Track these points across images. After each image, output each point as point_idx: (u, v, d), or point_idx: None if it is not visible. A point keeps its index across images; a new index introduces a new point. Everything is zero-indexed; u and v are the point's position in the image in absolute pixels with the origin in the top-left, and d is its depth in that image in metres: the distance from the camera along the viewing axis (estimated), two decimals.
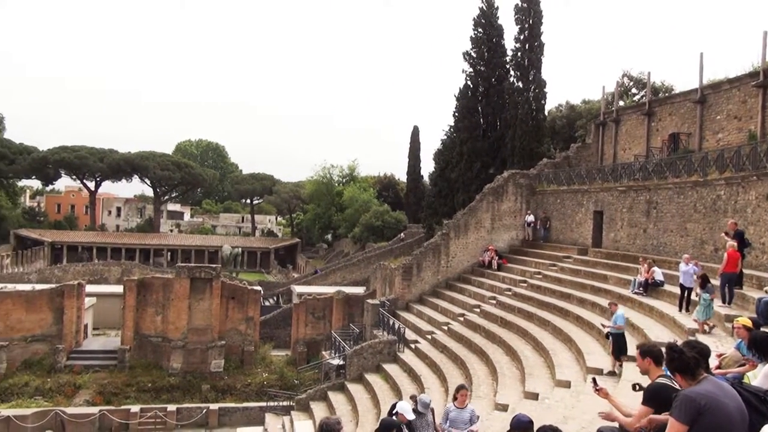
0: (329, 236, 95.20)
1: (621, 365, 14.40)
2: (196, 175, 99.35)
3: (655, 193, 24.57)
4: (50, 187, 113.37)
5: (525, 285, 26.72)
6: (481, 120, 47.09)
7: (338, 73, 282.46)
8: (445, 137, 54.80)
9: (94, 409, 26.86)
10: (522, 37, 42.65)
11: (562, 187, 31.85)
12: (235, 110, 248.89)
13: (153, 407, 27.55)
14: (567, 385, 14.88)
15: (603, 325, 16.39)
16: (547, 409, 13.14)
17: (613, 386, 12.39)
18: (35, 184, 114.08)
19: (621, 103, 36.88)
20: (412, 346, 25.06)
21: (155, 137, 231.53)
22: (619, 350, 14.64)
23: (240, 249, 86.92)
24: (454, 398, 11.97)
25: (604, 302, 20.48)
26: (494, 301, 26.23)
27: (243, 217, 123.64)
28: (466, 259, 32.41)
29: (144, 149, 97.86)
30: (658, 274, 19.79)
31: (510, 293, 26.49)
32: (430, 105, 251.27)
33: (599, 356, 16.19)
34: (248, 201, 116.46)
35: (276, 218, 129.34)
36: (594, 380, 6.67)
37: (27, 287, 34.03)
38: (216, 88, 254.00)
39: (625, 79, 43.30)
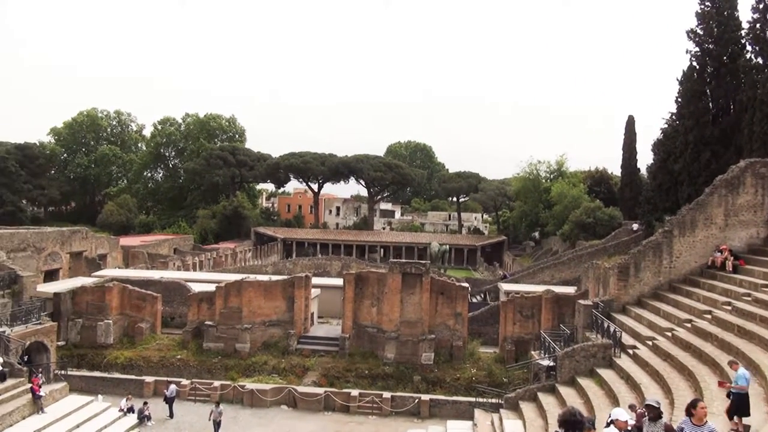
0: (536, 234, 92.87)
1: (739, 428, 12.65)
2: (405, 175, 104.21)
3: None
4: (281, 189, 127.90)
5: None
6: (710, 104, 42.21)
7: (549, 63, 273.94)
8: (666, 126, 50.27)
9: (320, 390, 29.73)
10: (762, 6, 37.21)
11: None
12: (441, 110, 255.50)
13: (370, 393, 29.60)
14: None
15: (720, 383, 14.26)
16: None
17: None
18: (269, 187, 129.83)
19: None
20: (630, 351, 23.35)
21: (368, 140, 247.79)
22: (736, 410, 12.82)
23: (447, 246, 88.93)
24: (689, 413, 10.85)
25: None
26: (729, 307, 23.24)
27: (450, 215, 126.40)
28: (693, 260, 29.20)
29: (358, 152, 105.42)
30: None
31: (749, 299, 23.24)
32: (647, 92, 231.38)
33: None
34: (455, 199, 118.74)
35: (482, 216, 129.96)
36: None
37: (264, 278, 38.70)
38: (423, 89, 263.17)
39: None
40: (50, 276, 44.77)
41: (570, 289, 39.44)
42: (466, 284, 37.32)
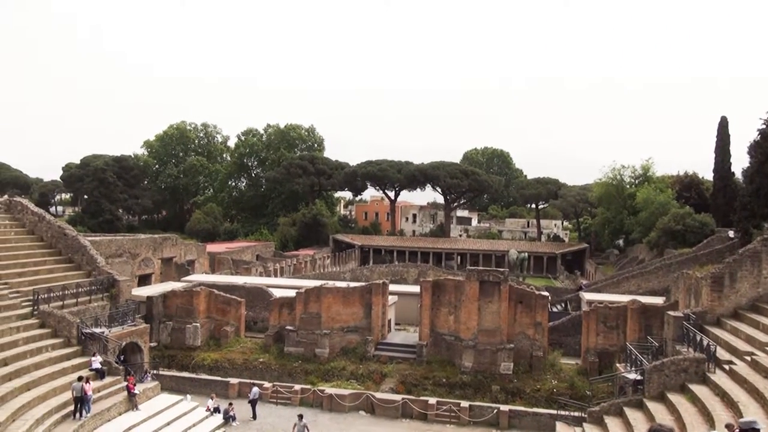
0: (620, 241, 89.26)
1: None
2: (482, 182, 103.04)
3: None
4: (359, 197, 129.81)
5: None
6: None
7: (634, 65, 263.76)
8: (764, 126, 47.07)
9: (398, 397, 29.79)
10: None
11: None
12: (518, 116, 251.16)
13: (448, 401, 29.35)
14: None
15: None
16: None
17: None
18: (347, 195, 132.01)
19: None
20: (726, 367, 21.97)
21: (444, 147, 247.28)
22: None
23: (526, 254, 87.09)
24: None
25: None
26: None
27: (528, 222, 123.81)
28: None
29: (434, 159, 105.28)
30: None
31: None
32: (741, 92, 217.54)
33: None
34: (533, 206, 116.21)
35: (562, 223, 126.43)
36: None
37: (342, 284, 39.27)
38: (500, 95, 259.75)
39: None
40: (143, 280, 47.52)
41: (658, 300, 37.62)
42: (546, 293, 36.35)
